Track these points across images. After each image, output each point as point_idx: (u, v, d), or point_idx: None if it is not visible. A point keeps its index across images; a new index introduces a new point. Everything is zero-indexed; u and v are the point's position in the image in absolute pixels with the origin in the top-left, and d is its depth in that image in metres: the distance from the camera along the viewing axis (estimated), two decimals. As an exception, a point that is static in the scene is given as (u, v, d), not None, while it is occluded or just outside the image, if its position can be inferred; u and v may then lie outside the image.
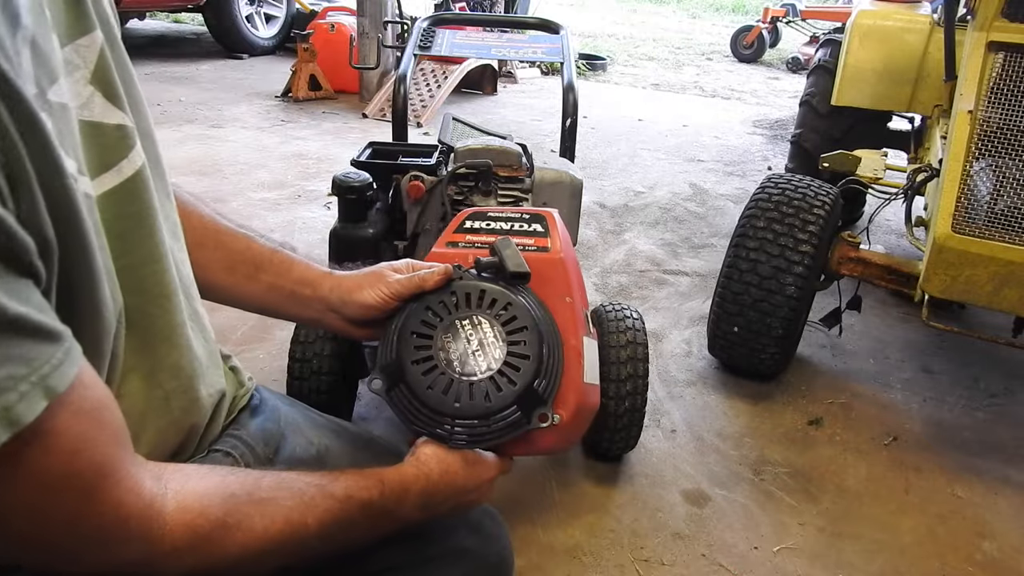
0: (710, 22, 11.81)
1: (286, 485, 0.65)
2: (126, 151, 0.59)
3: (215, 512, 0.59)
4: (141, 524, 0.54)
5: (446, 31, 2.02)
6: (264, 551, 0.62)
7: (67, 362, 0.47)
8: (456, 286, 0.82)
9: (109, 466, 0.52)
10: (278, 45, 6.27)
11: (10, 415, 0.43)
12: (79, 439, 0.50)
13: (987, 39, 1.72)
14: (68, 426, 0.48)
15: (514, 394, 0.76)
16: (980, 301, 1.67)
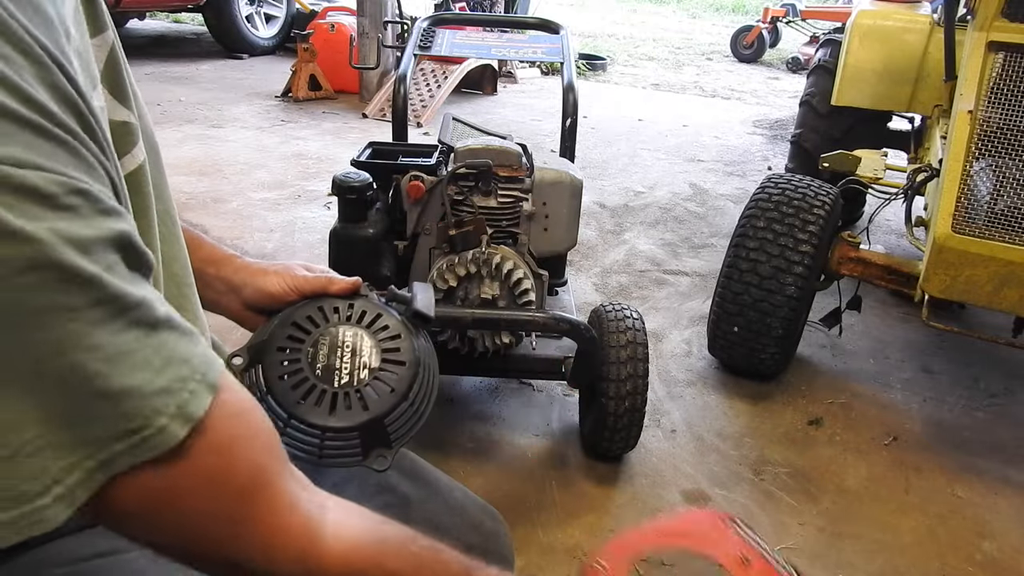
0: (710, 22, 11.81)
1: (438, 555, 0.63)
2: (130, 147, 0.59)
3: (370, 552, 0.58)
4: (298, 541, 0.54)
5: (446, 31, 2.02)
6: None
7: (216, 362, 0.49)
8: (357, 300, 0.82)
9: (267, 473, 0.53)
10: (278, 45, 6.27)
11: (185, 412, 0.46)
12: (235, 439, 0.50)
13: (987, 39, 1.72)
14: (225, 425, 0.49)
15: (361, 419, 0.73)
16: (980, 301, 1.67)
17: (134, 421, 0.44)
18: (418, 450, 1.70)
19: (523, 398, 1.88)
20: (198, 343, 0.49)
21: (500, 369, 1.63)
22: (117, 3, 5.18)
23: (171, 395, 0.45)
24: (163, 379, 0.45)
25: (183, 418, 0.46)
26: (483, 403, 1.85)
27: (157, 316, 0.46)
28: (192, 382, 0.47)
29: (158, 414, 0.45)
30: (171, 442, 0.45)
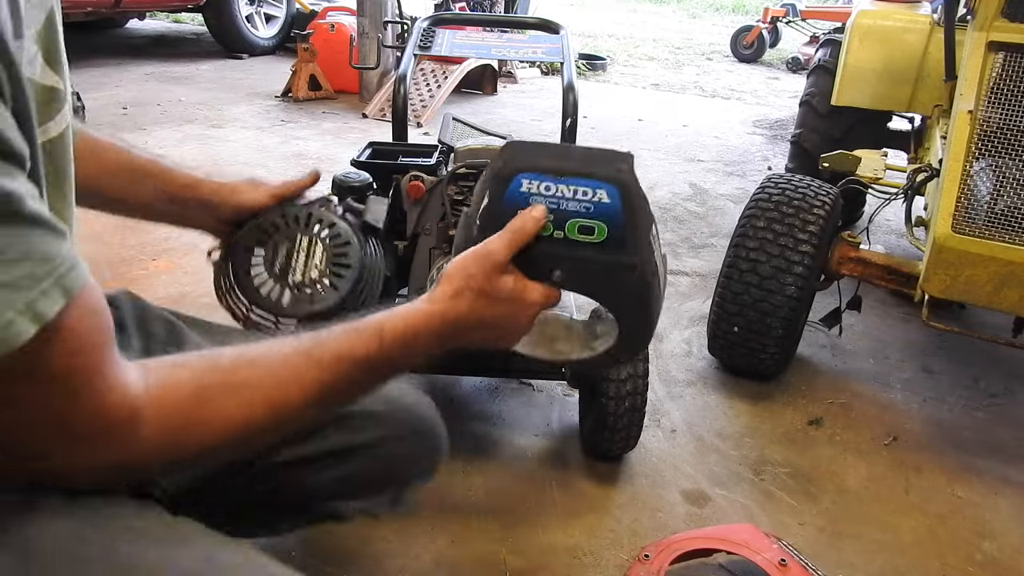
0: (710, 22, 11.81)
1: (265, 363, 0.65)
2: (54, 113, 0.61)
3: (188, 407, 0.60)
4: (122, 425, 0.56)
5: (446, 31, 2.02)
6: (247, 434, 0.63)
7: (79, 265, 0.50)
8: (316, 209, 0.97)
9: (101, 368, 0.55)
10: (278, 45, 6.27)
11: (35, 310, 0.46)
12: (81, 339, 0.52)
13: (987, 39, 1.72)
14: (75, 326, 0.51)
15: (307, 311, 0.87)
16: (980, 301, 1.67)
17: None
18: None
19: (523, 398, 1.88)
20: (64, 242, 0.49)
21: (500, 369, 1.63)
22: (117, 3, 5.18)
23: (19, 291, 0.46)
24: (15, 273, 0.46)
25: (31, 315, 0.47)
26: (483, 403, 1.85)
27: (23, 210, 0.46)
28: (47, 282, 0.47)
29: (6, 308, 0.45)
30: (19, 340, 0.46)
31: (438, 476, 1.56)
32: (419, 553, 1.38)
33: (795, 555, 1.27)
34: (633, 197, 0.75)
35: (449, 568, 1.36)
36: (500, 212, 0.76)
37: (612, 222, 0.75)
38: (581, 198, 0.74)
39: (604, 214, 0.75)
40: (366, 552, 1.37)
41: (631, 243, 0.76)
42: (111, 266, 2.42)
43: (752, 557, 1.24)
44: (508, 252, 0.74)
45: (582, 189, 0.74)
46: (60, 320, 0.49)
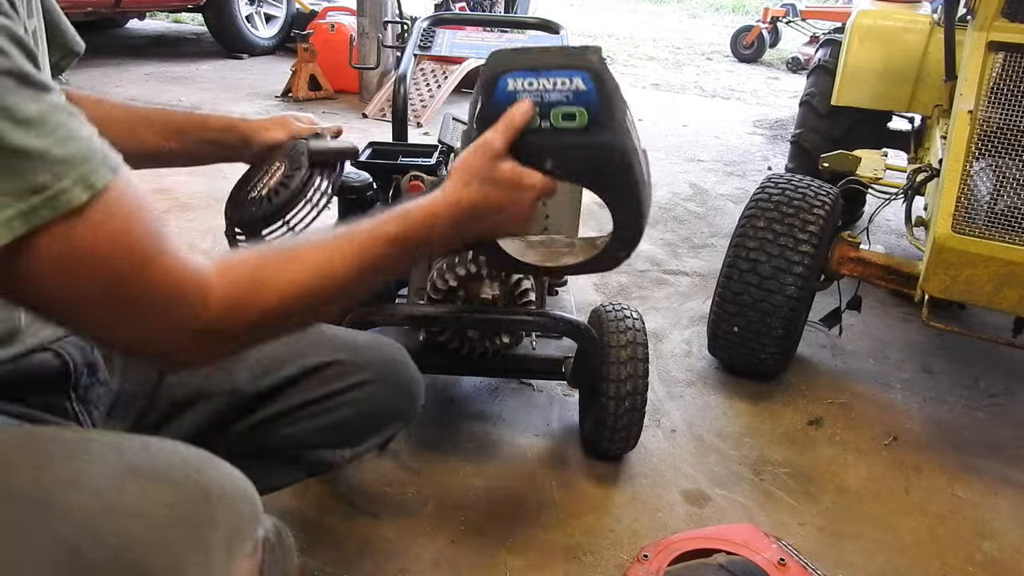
0: (710, 22, 11.81)
1: (312, 242, 0.76)
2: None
3: (248, 272, 0.69)
4: (193, 289, 0.64)
5: (446, 31, 2.02)
6: (300, 299, 0.71)
7: (113, 153, 0.59)
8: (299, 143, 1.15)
9: (162, 240, 0.62)
10: (278, 45, 6.27)
11: (87, 181, 0.56)
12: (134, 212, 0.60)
13: (987, 39, 1.72)
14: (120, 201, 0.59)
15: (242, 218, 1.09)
16: (980, 301, 1.67)
17: (38, 179, 0.54)
18: (418, 448, 1.71)
19: (523, 398, 1.88)
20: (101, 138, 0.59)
21: (500, 369, 1.63)
22: (117, 3, 5.18)
23: (72, 165, 0.56)
24: (64, 150, 0.55)
25: (84, 184, 0.56)
26: (483, 403, 1.85)
27: (62, 103, 0.56)
28: (91, 161, 0.57)
29: (60, 178, 0.55)
30: (76, 202, 0.56)
31: (438, 476, 1.57)
32: (419, 553, 1.38)
33: (795, 555, 1.27)
34: (606, 81, 0.86)
35: (449, 568, 1.36)
36: (491, 112, 0.88)
37: (590, 106, 0.87)
38: (560, 88, 0.86)
39: (582, 100, 0.87)
40: (366, 552, 1.37)
41: (609, 124, 0.88)
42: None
43: (752, 557, 1.24)
44: (503, 140, 0.87)
45: (560, 80, 0.86)
46: (112, 191, 0.58)
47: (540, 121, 0.88)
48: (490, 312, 1.32)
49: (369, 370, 1.06)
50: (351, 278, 0.75)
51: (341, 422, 1.05)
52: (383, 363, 1.09)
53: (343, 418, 1.05)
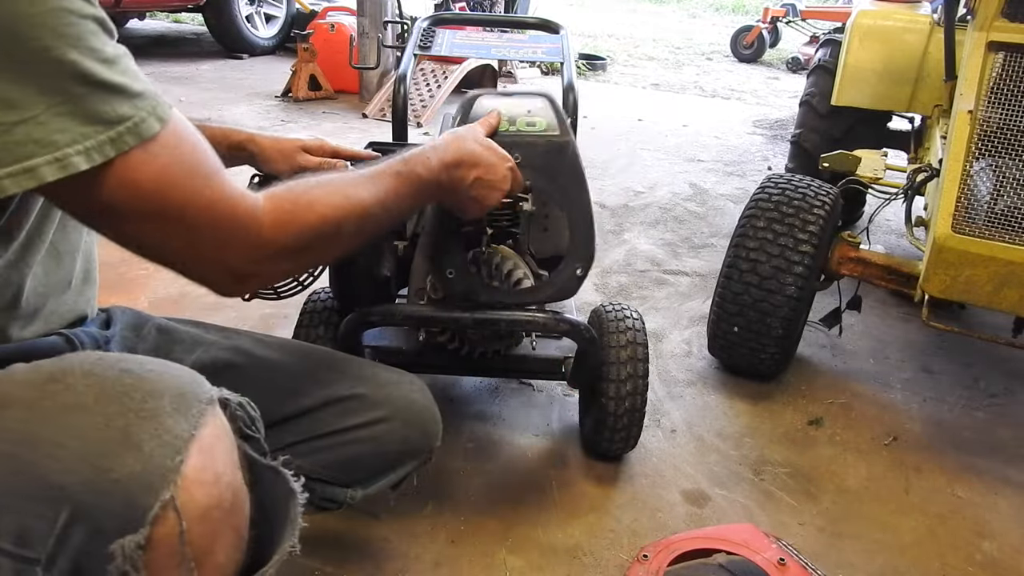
0: (710, 22, 11.81)
1: (338, 176, 0.89)
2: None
3: (291, 196, 0.80)
4: (247, 207, 0.73)
5: (446, 31, 2.02)
6: (335, 216, 0.82)
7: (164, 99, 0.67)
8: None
9: (218, 171, 0.72)
10: (278, 45, 6.27)
11: (157, 112, 0.65)
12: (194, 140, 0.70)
13: (987, 39, 1.72)
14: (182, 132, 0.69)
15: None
16: (980, 301, 1.67)
17: (123, 110, 0.63)
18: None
19: (523, 398, 1.88)
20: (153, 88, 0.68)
21: (500, 369, 1.63)
22: (117, 3, 5.18)
23: (145, 99, 0.65)
24: (140, 86, 0.65)
25: (156, 116, 0.65)
26: (483, 403, 1.85)
27: (128, 53, 0.65)
28: (156, 96, 0.66)
29: (139, 109, 0.64)
30: (152, 131, 0.64)
31: (438, 476, 1.57)
32: (419, 553, 1.38)
33: (795, 555, 1.27)
34: (556, 104, 1.22)
35: (449, 568, 1.36)
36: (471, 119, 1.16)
37: (546, 116, 1.19)
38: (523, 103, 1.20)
39: (540, 112, 1.19)
40: (366, 552, 1.37)
41: (562, 127, 1.19)
42: (111, 266, 2.42)
43: (752, 557, 1.24)
44: (483, 127, 1.13)
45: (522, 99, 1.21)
46: (173, 122, 0.67)
47: (509, 126, 1.18)
48: (490, 312, 1.32)
49: (388, 406, 1.05)
50: (374, 205, 0.88)
51: (355, 457, 1.04)
52: (402, 400, 1.08)
53: (358, 453, 1.04)
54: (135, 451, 0.57)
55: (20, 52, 0.57)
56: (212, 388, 0.66)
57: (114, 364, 0.63)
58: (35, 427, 0.57)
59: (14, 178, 0.58)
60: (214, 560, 0.62)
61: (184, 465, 0.58)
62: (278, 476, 0.71)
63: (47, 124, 0.58)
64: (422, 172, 0.96)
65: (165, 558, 0.58)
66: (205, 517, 0.60)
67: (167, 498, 0.57)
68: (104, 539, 0.55)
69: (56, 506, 0.55)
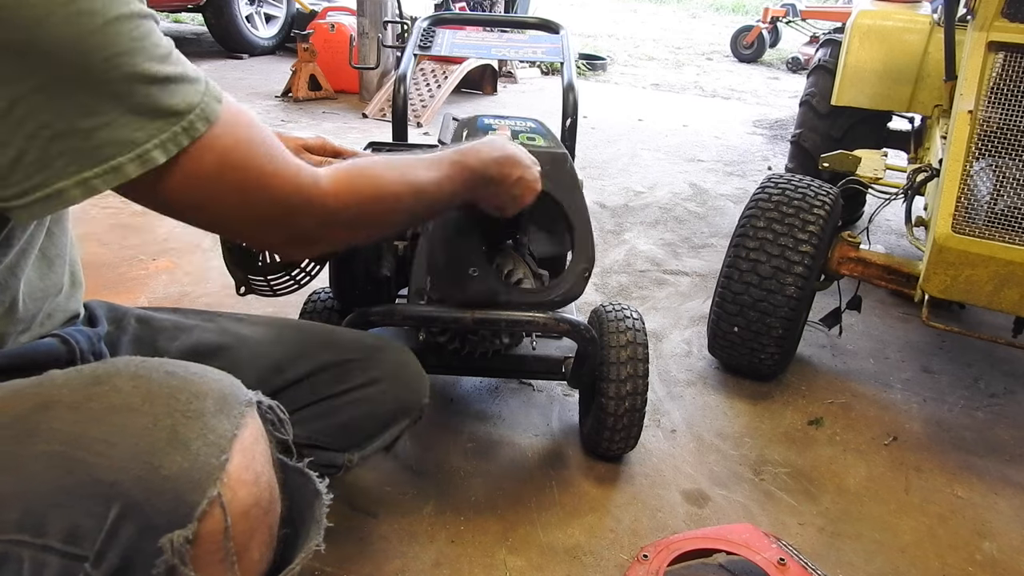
0: (710, 22, 11.82)
1: (399, 157, 0.92)
2: None
3: (351, 167, 0.83)
4: (307, 177, 0.76)
5: (446, 31, 2.02)
6: (394, 193, 0.87)
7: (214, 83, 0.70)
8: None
9: (276, 144, 0.74)
10: (278, 45, 6.27)
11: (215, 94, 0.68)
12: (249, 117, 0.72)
13: (987, 39, 1.72)
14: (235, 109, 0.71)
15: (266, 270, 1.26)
16: (980, 301, 1.67)
17: (189, 98, 0.66)
18: (418, 450, 1.71)
19: (523, 398, 1.88)
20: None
21: (500, 369, 1.63)
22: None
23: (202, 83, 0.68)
24: (193, 72, 0.67)
25: (215, 98, 0.68)
26: (483, 403, 1.85)
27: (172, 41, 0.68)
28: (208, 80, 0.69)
29: (202, 95, 0.67)
30: (216, 114, 0.68)
31: (438, 476, 1.57)
32: (419, 553, 1.38)
33: (795, 555, 1.27)
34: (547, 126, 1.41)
35: (449, 568, 1.36)
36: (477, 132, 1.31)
37: (542, 135, 1.36)
38: (521, 124, 1.38)
39: (536, 131, 1.37)
40: (366, 552, 1.37)
41: (557, 143, 1.33)
42: (111, 266, 2.42)
43: (752, 557, 1.24)
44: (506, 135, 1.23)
45: (520, 121, 1.40)
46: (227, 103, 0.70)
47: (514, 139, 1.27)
48: (490, 312, 1.32)
49: (377, 369, 1.09)
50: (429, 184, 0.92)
51: (350, 421, 1.07)
52: (390, 362, 1.12)
53: (352, 417, 1.07)
54: (183, 449, 0.59)
55: (91, 66, 0.60)
56: (250, 391, 0.68)
57: (158, 367, 0.65)
58: (84, 427, 0.59)
59: (102, 178, 0.62)
60: (249, 557, 0.64)
61: (229, 464, 0.60)
62: (304, 478, 0.73)
63: (125, 125, 0.62)
64: (475, 164, 1.00)
65: (210, 553, 0.59)
66: (246, 515, 0.62)
67: (214, 495, 0.59)
68: (153, 534, 0.57)
69: (107, 503, 0.57)
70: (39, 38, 0.58)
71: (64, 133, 0.61)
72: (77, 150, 0.61)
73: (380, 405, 1.09)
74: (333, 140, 1.34)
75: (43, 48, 0.58)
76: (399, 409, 1.12)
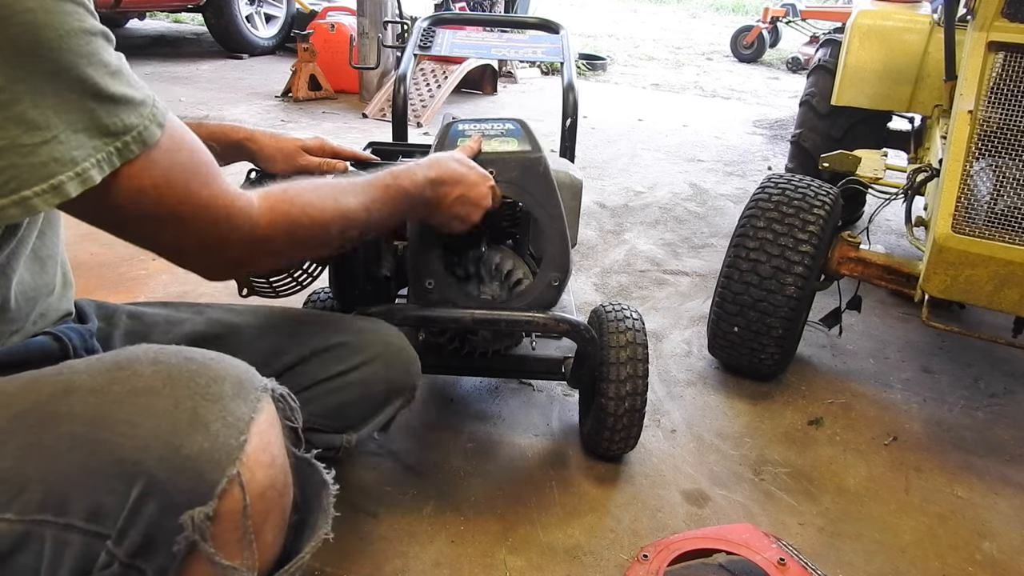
0: (710, 22, 11.82)
1: (327, 181, 0.94)
2: None
3: (281, 194, 0.84)
4: (242, 204, 0.77)
5: (446, 31, 2.02)
6: (324, 220, 0.87)
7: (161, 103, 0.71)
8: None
9: (214, 171, 0.75)
10: (278, 45, 6.27)
11: (157, 119, 0.69)
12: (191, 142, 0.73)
13: (987, 39, 1.72)
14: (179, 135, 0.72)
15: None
16: (980, 301, 1.67)
17: (129, 120, 0.66)
18: (418, 450, 1.71)
19: (523, 398, 1.88)
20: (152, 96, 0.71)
21: (500, 369, 1.63)
22: (117, 3, 5.18)
23: (147, 106, 0.68)
24: (141, 94, 0.68)
25: (157, 122, 0.69)
26: (483, 403, 1.85)
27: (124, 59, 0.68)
28: (155, 102, 0.70)
29: (142, 118, 0.67)
30: (154, 138, 0.68)
31: (438, 475, 1.57)
32: (419, 553, 1.38)
33: (795, 555, 1.27)
34: (528, 126, 1.30)
35: (449, 568, 1.36)
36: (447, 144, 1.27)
37: (519, 137, 1.28)
38: (496, 127, 1.30)
39: (512, 134, 1.29)
40: (366, 552, 1.37)
41: (533, 148, 1.28)
42: (111, 266, 2.42)
43: (752, 557, 1.24)
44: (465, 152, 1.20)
45: (496, 124, 1.31)
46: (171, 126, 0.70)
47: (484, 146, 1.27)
48: (490, 312, 1.32)
49: (369, 350, 1.11)
50: (359, 212, 0.93)
51: (345, 403, 1.09)
52: (381, 343, 1.13)
53: (346, 398, 1.09)
54: (203, 430, 0.60)
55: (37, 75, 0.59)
56: (264, 378, 0.69)
57: (176, 353, 0.66)
58: (106, 409, 0.60)
59: (41, 196, 0.62)
60: (263, 539, 0.65)
61: (247, 445, 0.62)
62: (312, 468, 0.74)
63: (66, 142, 0.62)
64: (408, 186, 1.02)
65: (229, 531, 0.61)
66: (263, 495, 0.63)
67: (233, 474, 0.60)
68: (175, 511, 0.58)
69: (130, 481, 0.58)
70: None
71: (5, 149, 0.59)
72: (17, 167, 0.60)
73: (373, 386, 1.11)
74: (332, 140, 1.34)
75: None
76: (392, 389, 1.14)
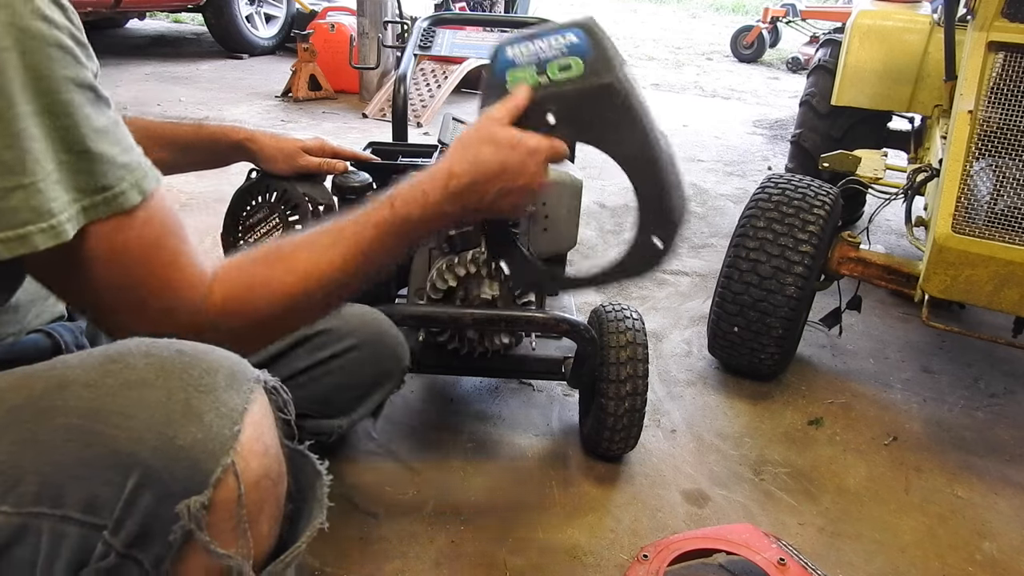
0: (710, 22, 11.81)
1: (304, 241, 0.81)
2: None
3: (242, 277, 0.76)
4: (197, 291, 0.72)
5: (446, 31, 2.02)
6: (292, 299, 0.78)
7: (152, 172, 0.69)
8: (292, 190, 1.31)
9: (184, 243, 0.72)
10: (278, 45, 6.27)
11: (140, 186, 0.66)
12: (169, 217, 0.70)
13: (987, 39, 1.72)
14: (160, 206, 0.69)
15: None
16: (980, 301, 1.67)
17: (106, 180, 0.64)
18: (417, 450, 1.71)
19: (523, 398, 1.88)
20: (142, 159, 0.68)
21: (500, 369, 1.63)
22: (117, 3, 5.18)
23: (130, 171, 0.66)
24: (127, 158, 0.66)
25: (138, 189, 0.66)
26: (483, 403, 1.85)
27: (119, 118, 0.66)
28: (143, 169, 0.67)
29: (122, 181, 0.65)
30: (130, 203, 0.65)
31: (438, 475, 1.57)
32: (419, 553, 1.38)
33: (795, 555, 1.27)
34: (596, 33, 0.89)
35: (449, 568, 1.36)
36: (494, 81, 0.92)
37: (585, 55, 0.89)
38: (555, 45, 0.90)
39: (576, 50, 0.89)
40: (366, 552, 1.37)
41: (604, 67, 0.89)
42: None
43: (752, 557, 1.24)
44: (505, 112, 0.89)
45: (553, 39, 0.90)
46: (154, 197, 0.68)
47: (539, 78, 0.91)
48: (490, 312, 1.32)
49: (356, 336, 1.11)
50: (344, 272, 0.80)
51: (334, 388, 1.09)
52: (368, 329, 1.13)
53: (335, 384, 1.09)
54: (197, 421, 0.60)
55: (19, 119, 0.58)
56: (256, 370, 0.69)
57: (168, 346, 0.66)
58: (101, 402, 0.61)
59: (6, 244, 0.59)
60: (259, 528, 0.65)
61: (241, 435, 0.62)
62: (305, 459, 0.74)
63: (44, 192, 0.60)
64: (416, 213, 0.83)
65: (224, 521, 0.61)
66: (257, 485, 0.63)
67: (228, 463, 0.60)
68: (170, 501, 0.59)
69: (125, 472, 0.58)
70: None
71: None
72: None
73: (361, 371, 1.11)
74: (332, 140, 1.34)
75: None
76: (380, 374, 1.15)
